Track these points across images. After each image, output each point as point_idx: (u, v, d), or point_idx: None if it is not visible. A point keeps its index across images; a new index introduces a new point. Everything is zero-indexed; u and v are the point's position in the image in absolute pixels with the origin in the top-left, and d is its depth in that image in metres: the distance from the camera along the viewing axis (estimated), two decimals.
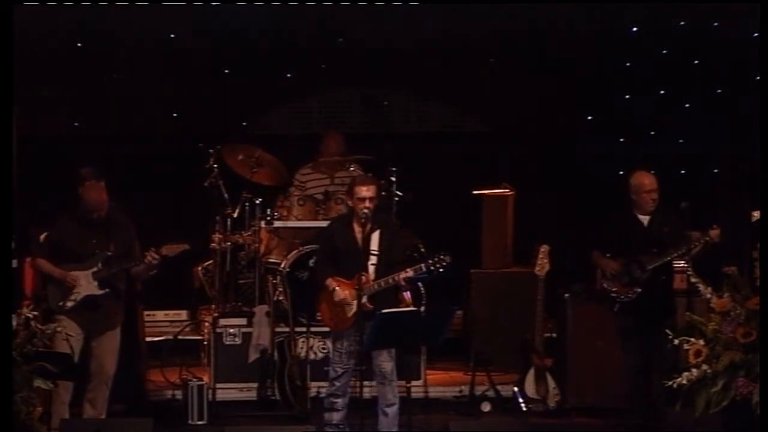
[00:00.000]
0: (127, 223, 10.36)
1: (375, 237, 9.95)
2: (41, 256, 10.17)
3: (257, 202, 12.02)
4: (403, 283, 9.96)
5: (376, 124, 13.83)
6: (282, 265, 11.69)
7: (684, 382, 9.07)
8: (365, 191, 9.92)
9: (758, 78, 10.23)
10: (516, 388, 11.09)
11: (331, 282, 9.97)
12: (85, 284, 10.07)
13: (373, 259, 9.92)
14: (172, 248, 10.21)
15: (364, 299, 9.76)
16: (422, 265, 9.87)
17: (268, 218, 11.90)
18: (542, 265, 11.00)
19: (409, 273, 9.87)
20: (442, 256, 9.81)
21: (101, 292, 10.09)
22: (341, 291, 9.92)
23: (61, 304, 9.99)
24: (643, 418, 10.43)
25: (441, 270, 9.82)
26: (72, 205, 10.21)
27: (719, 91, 13.20)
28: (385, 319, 9.56)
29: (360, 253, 9.87)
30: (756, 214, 9.93)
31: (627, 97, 13.52)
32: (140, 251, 10.25)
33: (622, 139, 13.64)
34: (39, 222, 10.60)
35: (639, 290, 10.42)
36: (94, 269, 10.09)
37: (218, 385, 11.40)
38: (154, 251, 10.09)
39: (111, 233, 10.16)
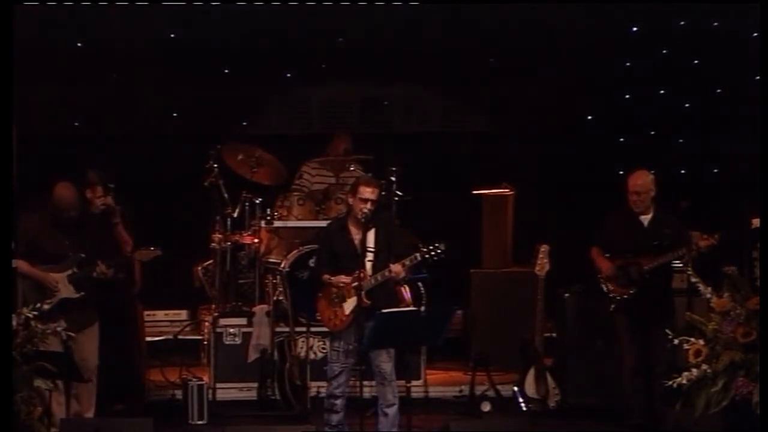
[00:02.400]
0: (116, 215, 10.33)
1: (371, 235, 9.94)
2: (17, 256, 10.08)
3: (257, 202, 12.02)
4: (401, 274, 9.94)
5: (376, 124, 13.84)
6: (282, 265, 11.70)
7: (684, 382, 9.07)
8: (369, 192, 9.92)
9: (758, 78, 10.24)
10: (516, 388, 11.09)
11: (327, 276, 9.97)
12: (62, 287, 10.02)
13: (369, 256, 9.92)
14: (143, 254, 10.23)
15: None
16: (417, 254, 9.86)
17: (268, 218, 11.91)
18: (542, 265, 11.00)
19: (405, 263, 9.86)
20: (437, 245, 9.81)
21: (77, 295, 10.04)
22: (337, 279, 9.90)
23: (38, 306, 9.92)
24: (643, 418, 10.44)
25: (436, 258, 9.81)
26: (42, 206, 10.19)
27: (719, 91, 13.20)
28: (385, 319, 9.56)
29: (357, 254, 9.87)
30: (756, 222, 9.91)
31: (627, 97, 13.52)
32: (116, 252, 10.24)
33: (622, 139, 13.65)
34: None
35: (632, 291, 10.42)
36: (69, 272, 10.05)
37: (218, 385, 11.41)
38: (104, 265, 10.06)
39: (84, 234, 10.12)
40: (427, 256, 9.83)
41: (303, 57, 13.24)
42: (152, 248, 10.25)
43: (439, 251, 9.80)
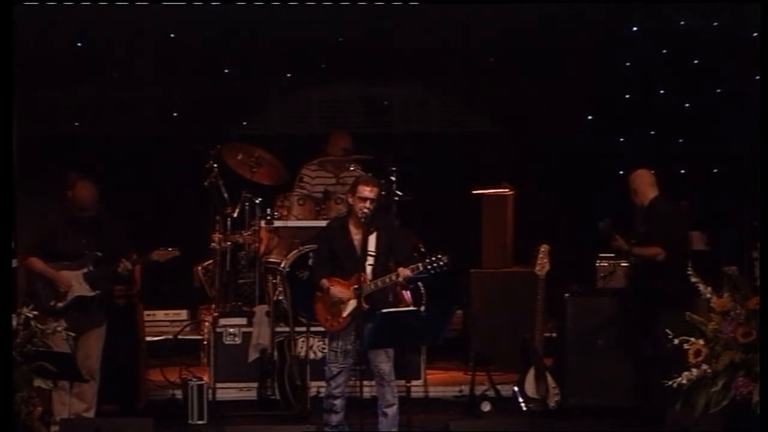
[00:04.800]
0: (117, 223, 10.37)
1: (372, 238, 9.94)
2: (32, 254, 10.14)
3: (257, 201, 12.02)
4: (401, 281, 9.96)
5: (376, 124, 13.84)
6: (282, 265, 11.69)
7: (684, 382, 9.07)
8: (368, 192, 9.92)
9: (758, 78, 10.24)
10: (516, 388, 11.09)
11: (325, 282, 9.98)
12: (77, 285, 10.07)
13: (370, 260, 9.91)
14: (161, 254, 10.27)
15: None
16: (419, 264, 9.87)
17: (268, 218, 11.90)
18: (542, 265, 11.01)
19: (407, 272, 9.86)
20: (439, 256, 9.81)
21: (93, 294, 10.09)
22: (336, 290, 9.92)
23: (52, 304, 9.97)
24: (643, 418, 10.45)
25: (438, 270, 9.82)
26: (60, 205, 10.22)
27: (719, 91, 13.20)
28: (385, 318, 9.56)
29: (357, 255, 9.86)
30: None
31: (627, 97, 13.53)
32: (128, 252, 10.27)
33: (622, 139, 13.65)
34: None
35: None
36: (85, 270, 10.09)
37: (218, 385, 11.41)
38: (127, 261, 10.10)
39: (100, 233, 10.16)
40: (429, 267, 9.82)
41: (303, 57, 13.24)
42: (170, 249, 10.29)
43: (441, 263, 9.79)
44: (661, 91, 13.46)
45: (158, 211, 12.89)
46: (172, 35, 12.75)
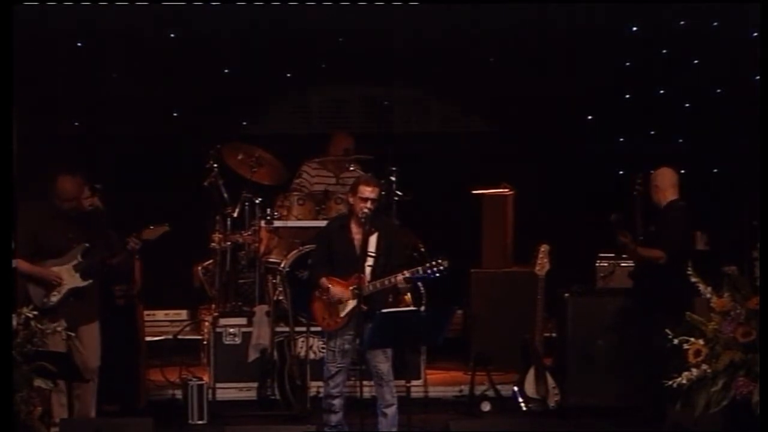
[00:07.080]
0: (103, 215, 10.34)
1: (372, 239, 9.93)
2: (17, 256, 10.09)
3: (257, 201, 12.02)
4: (401, 285, 9.95)
5: (376, 124, 13.84)
6: (282, 265, 11.69)
7: (684, 382, 9.07)
8: (369, 192, 9.91)
9: (758, 78, 10.24)
10: (516, 388, 11.09)
11: (325, 281, 9.97)
12: (68, 278, 10.03)
13: (369, 261, 9.89)
14: (151, 232, 10.20)
15: None
16: (419, 268, 9.86)
17: (268, 218, 11.90)
18: (542, 264, 11.01)
19: (407, 275, 9.85)
20: (439, 261, 9.79)
21: (85, 283, 10.06)
22: (336, 290, 9.91)
23: (45, 300, 9.95)
24: (643, 418, 10.45)
25: (438, 275, 9.80)
26: (45, 201, 10.20)
27: (719, 91, 13.20)
28: (385, 318, 9.56)
29: (356, 255, 9.85)
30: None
31: (627, 97, 13.53)
32: (118, 241, 10.24)
33: (622, 139, 13.65)
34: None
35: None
36: (74, 262, 10.07)
37: (218, 385, 11.42)
38: (135, 236, 10.08)
39: (87, 226, 10.14)
40: (429, 271, 9.81)
41: (303, 57, 13.24)
42: (158, 226, 10.24)
43: (441, 268, 9.77)
44: (661, 91, 13.46)
45: (158, 211, 12.86)
46: (172, 35, 12.76)
